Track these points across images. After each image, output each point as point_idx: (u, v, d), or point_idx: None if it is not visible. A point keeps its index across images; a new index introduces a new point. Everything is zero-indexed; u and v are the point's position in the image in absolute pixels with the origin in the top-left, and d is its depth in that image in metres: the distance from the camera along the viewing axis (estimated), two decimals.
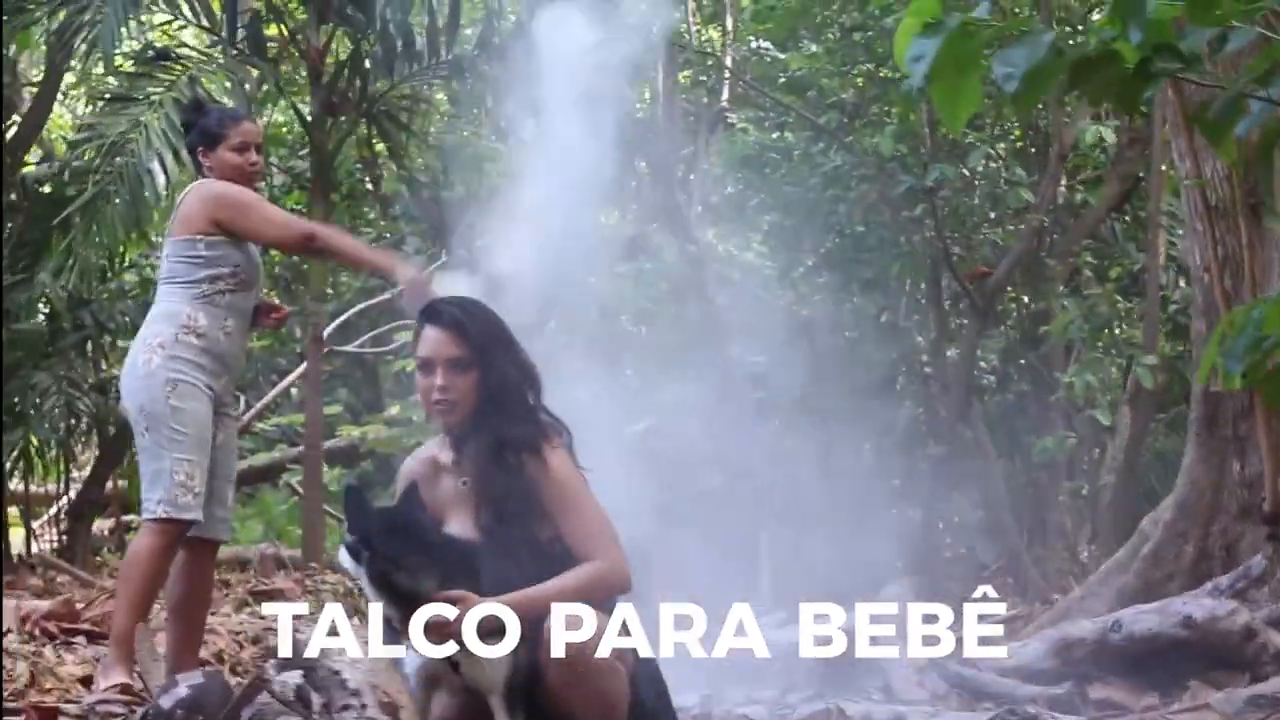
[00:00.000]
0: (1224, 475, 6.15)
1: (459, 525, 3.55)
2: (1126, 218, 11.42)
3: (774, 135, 11.95)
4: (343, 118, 8.71)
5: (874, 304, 11.53)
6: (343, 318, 10.57)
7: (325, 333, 9.34)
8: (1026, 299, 11.08)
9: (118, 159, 7.94)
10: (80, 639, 5.52)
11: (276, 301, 5.49)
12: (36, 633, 5.50)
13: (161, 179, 7.83)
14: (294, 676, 3.44)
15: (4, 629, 5.21)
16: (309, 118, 8.76)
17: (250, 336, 5.33)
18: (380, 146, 9.75)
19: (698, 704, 5.14)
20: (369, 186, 12.54)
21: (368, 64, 8.51)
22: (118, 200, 7.86)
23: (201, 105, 5.24)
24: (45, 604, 5.94)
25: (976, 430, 10.48)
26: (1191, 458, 6.18)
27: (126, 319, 8.50)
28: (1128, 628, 5.63)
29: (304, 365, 9.88)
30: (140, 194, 7.84)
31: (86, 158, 8.21)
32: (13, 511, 9.85)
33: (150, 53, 8.29)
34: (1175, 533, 6.17)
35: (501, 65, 8.10)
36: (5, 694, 4.40)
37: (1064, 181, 10.80)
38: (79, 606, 6.02)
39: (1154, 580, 6.16)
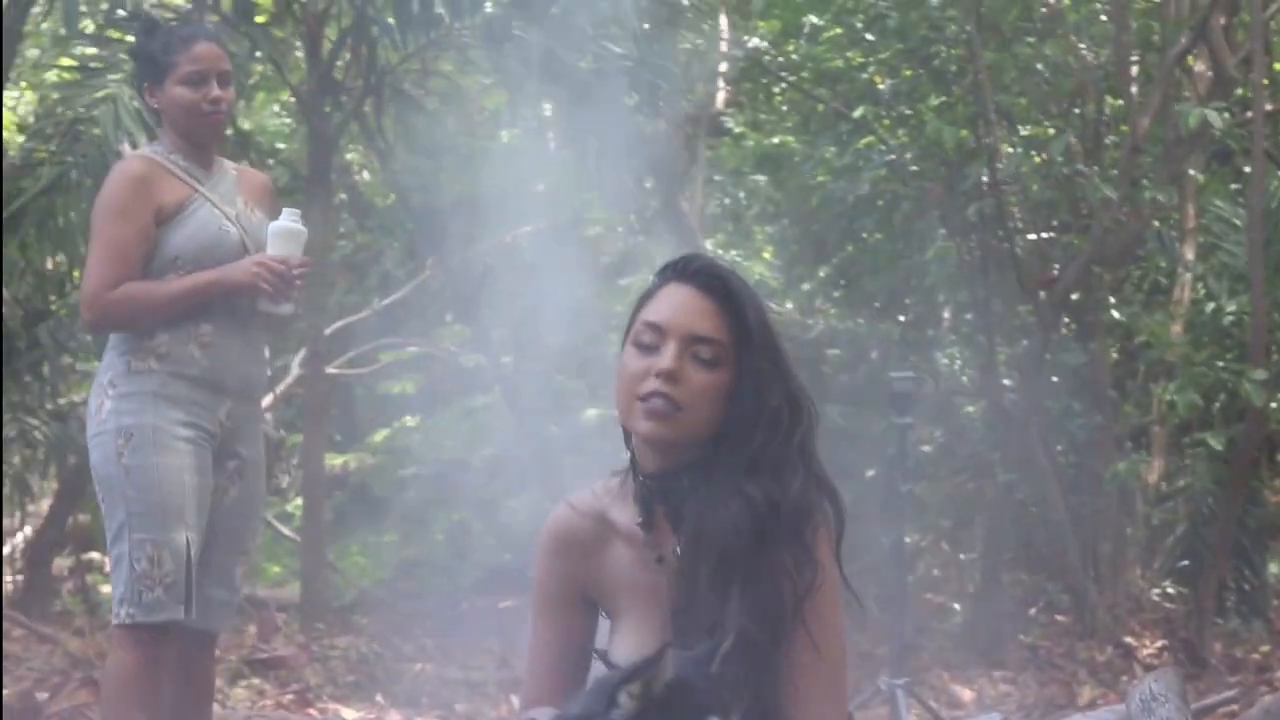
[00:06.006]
0: None
1: (634, 632, 2.23)
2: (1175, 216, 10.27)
3: (774, 140, 10.70)
4: (344, 97, 7.42)
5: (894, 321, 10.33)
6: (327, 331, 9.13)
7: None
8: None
9: (80, 141, 6.61)
10: None
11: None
12: None
13: None
14: None
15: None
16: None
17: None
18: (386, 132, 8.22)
19: None
20: (342, 195, 10.91)
21: (375, 30, 7.14)
22: (80, 191, 6.49)
23: (156, 25, 3.78)
24: None
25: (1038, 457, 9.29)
26: None
27: (89, 338, 7.07)
28: None
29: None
30: None
31: (44, 146, 6.85)
32: None
33: (121, 13, 6.87)
34: None
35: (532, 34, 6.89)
36: None
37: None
38: (41, 698, 4.72)
39: None
